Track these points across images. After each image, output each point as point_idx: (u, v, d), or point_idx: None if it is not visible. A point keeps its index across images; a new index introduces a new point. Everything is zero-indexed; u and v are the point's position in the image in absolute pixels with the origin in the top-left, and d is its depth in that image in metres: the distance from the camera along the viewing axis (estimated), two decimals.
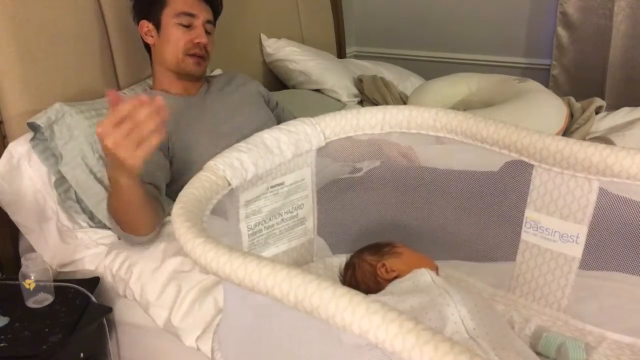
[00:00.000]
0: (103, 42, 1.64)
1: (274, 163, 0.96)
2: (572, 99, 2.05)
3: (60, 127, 1.38)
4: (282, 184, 0.99)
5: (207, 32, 1.52)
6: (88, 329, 1.23)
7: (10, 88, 1.42)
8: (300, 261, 1.10)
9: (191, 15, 1.48)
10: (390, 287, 0.92)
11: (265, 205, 0.98)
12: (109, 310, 1.32)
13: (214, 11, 1.56)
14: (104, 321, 1.30)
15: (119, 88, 1.67)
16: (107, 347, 1.35)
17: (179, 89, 1.53)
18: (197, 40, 1.48)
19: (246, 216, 0.95)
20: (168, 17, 1.48)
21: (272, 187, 0.98)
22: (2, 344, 1.13)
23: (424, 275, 0.91)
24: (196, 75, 1.53)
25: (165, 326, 1.21)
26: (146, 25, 1.52)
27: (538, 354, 0.88)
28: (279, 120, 1.67)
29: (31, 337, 1.15)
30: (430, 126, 1.05)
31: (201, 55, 1.50)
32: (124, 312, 1.35)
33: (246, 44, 2.37)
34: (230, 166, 0.88)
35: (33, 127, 1.38)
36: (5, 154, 1.39)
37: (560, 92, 2.38)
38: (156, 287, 1.23)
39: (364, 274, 1.00)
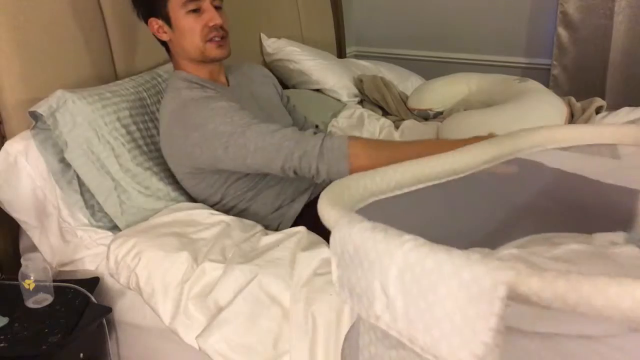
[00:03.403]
0: (101, 33, 1.63)
1: None
2: (573, 99, 2.05)
3: (63, 115, 1.35)
4: None
5: (218, 8, 1.45)
6: (88, 329, 1.23)
7: (9, 83, 1.41)
8: None
9: None
10: None
11: None
12: (108, 310, 1.32)
13: None
14: (104, 321, 1.30)
15: (116, 78, 1.65)
16: (107, 347, 1.35)
17: (204, 73, 1.48)
18: (211, 23, 1.40)
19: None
20: (175, 8, 1.41)
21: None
22: (2, 344, 1.13)
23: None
24: (223, 58, 1.47)
25: (165, 319, 1.21)
26: (156, 23, 1.44)
27: None
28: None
29: (31, 337, 1.15)
30: None
31: (221, 36, 1.43)
32: (123, 312, 1.35)
33: (246, 44, 2.36)
34: None
35: (34, 117, 1.36)
36: (2, 152, 1.38)
37: (560, 91, 2.38)
38: (164, 277, 1.23)
39: None
